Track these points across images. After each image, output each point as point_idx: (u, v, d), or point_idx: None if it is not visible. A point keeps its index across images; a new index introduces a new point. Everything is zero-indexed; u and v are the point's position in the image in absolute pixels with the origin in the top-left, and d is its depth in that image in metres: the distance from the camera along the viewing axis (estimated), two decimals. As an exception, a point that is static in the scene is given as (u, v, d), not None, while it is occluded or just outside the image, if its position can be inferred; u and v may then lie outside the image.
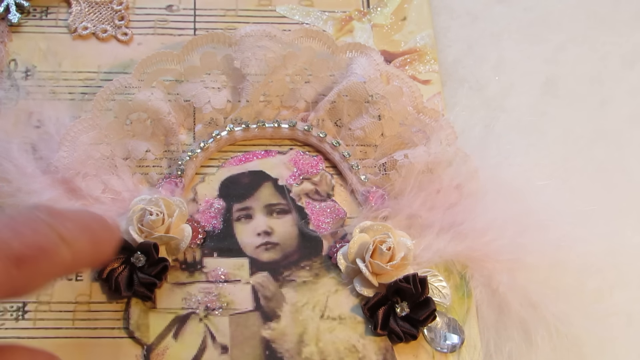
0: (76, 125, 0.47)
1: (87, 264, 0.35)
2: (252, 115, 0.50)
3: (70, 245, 0.32)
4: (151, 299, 0.44)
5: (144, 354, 0.43)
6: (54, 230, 0.32)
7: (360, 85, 0.50)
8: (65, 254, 0.32)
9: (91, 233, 0.34)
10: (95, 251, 0.34)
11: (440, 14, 0.58)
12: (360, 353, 0.44)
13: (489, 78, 0.56)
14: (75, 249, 0.32)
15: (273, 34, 0.50)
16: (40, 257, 0.31)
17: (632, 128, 0.55)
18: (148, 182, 0.48)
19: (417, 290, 0.44)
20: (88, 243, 0.33)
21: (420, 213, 0.47)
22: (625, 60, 0.58)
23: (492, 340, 0.45)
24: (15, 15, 0.53)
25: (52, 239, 0.32)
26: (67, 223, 0.33)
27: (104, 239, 0.35)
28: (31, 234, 0.31)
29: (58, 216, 0.33)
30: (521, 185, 0.47)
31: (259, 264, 0.47)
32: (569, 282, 0.45)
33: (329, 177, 0.50)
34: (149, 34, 0.54)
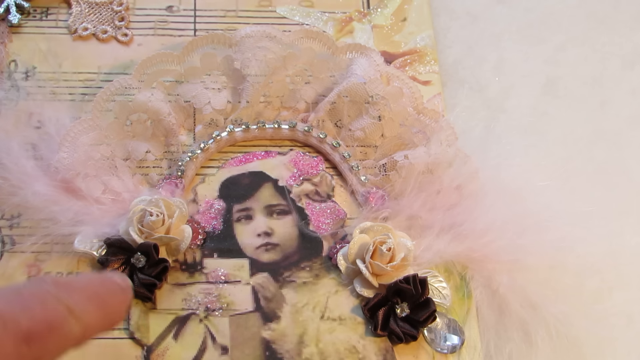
0: (76, 126, 0.47)
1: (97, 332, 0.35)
2: (252, 116, 0.50)
3: (80, 319, 0.32)
4: (151, 300, 0.44)
5: (144, 355, 0.43)
6: (63, 304, 0.32)
7: (360, 86, 0.50)
8: (74, 328, 0.32)
9: (100, 302, 0.34)
10: (105, 320, 0.34)
11: (440, 15, 0.58)
12: (361, 354, 0.44)
13: (489, 79, 0.56)
14: (84, 322, 0.32)
15: (273, 35, 0.50)
16: (49, 333, 0.31)
17: (632, 129, 0.55)
18: (148, 182, 0.48)
19: (417, 291, 0.44)
20: (97, 314, 0.33)
21: (420, 214, 0.47)
22: (626, 61, 0.58)
23: (492, 341, 0.45)
24: (15, 16, 0.53)
25: (61, 314, 0.31)
26: (75, 295, 0.32)
27: (114, 306, 0.35)
28: (40, 310, 0.31)
29: (66, 288, 0.32)
30: (521, 186, 0.47)
31: (259, 264, 0.47)
32: (568, 282, 0.46)
33: (329, 178, 0.50)
34: (149, 34, 0.54)
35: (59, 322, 0.31)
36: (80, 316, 0.32)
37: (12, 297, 0.31)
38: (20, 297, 0.31)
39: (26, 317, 0.30)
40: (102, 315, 0.34)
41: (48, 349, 0.31)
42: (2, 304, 0.30)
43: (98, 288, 0.34)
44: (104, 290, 0.35)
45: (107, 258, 0.45)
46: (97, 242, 0.45)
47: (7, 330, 0.29)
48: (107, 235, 0.45)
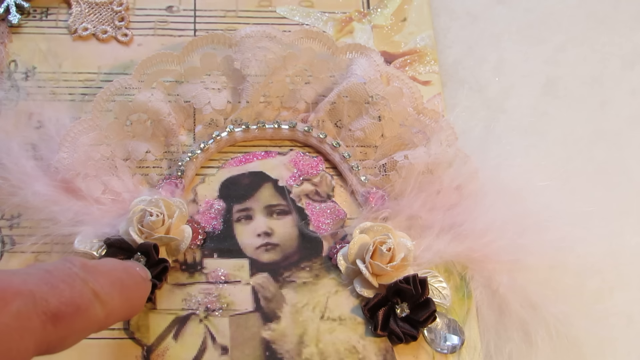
0: (76, 126, 0.47)
1: (119, 319, 0.35)
2: (252, 116, 0.50)
3: (104, 303, 0.32)
4: (151, 300, 0.44)
5: (144, 355, 0.43)
6: (89, 287, 0.32)
7: (360, 86, 0.50)
8: (99, 311, 0.32)
9: (124, 290, 0.34)
10: (126, 306, 0.35)
11: (440, 15, 0.58)
12: (361, 354, 0.44)
13: (489, 79, 0.56)
14: (108, 307, 0.33)
15: (273, 35, 0.50)
16: (75, 315, 0.31)
17: (632, 129, 0.55)
18: (148, 183, 0.48)
19: (417, 291, 0.44)
20: (120, 299, 0.34)
21: (420, 214, 0.47)
22: (626, 61, 0.58)
23: (492, 341, 0.45)
24: (15, 16, 0.53)
25: (88, 296, 0.32)
26: (101, 279, 0.33)
27: (135, 294, 0.36)
28: (68, 291, 0.31)
29: (92, 272, 0.33)
30: (521, 186, 0.47)
31: (259, 264, 0.47)
32: (569, 282, 0.46)
33: (329, 178, 0.50)
34: (149, 35, 0.54)
35: (86, 304, 0.32)
36: (105, 300, 0.32)
37: (43, 276, 0.31)
38: (50, 277, 0.31)
39: (55, 297, 0.31)
40: (125, 301, 0.34)
41: (73, 329, 0.31)
42: (33, 282, 0.30)
43: (121, 274, 0.35)
44: (126, 277, 0.35)
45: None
46: (97, 242, 0.45)
47: (37, 307, 0.30)
48: (107, 235, 0.45)
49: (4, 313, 0.29)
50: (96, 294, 0.32)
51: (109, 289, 0.33)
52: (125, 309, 0.35)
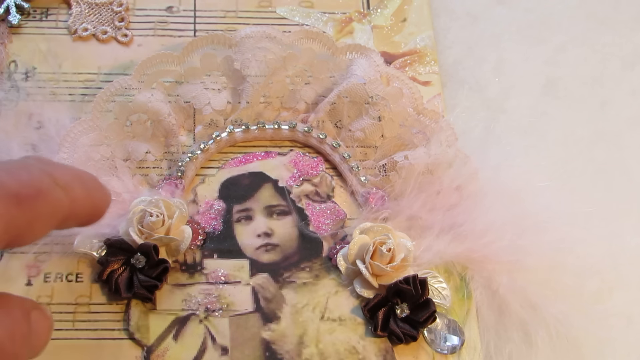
0: (76, 126, 0.47)
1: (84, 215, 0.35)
2: (252, 116, 0.50)
3: (66, 190, 0.32)
4: (151, 301, 0.44)
5: (144, 355, 0.43)
6: (48, 174, 0.32)
7: (360, 87, 0.50)
8: (61, 196, 0.32)
9: (84, 183, 0.34)
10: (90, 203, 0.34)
11: (440, 15, 0.58)
12: (361, 354, 0.44)
13: (489, 79, 0.56)
14: (71, 195, 0.32)
15: (273, 36, 0.50)
16: (38, 196, 0.31)
17: (633, 129, 0.55)
18: (148, 183, 0.48)
19: (417, 291, 0.44)
20: (82, 191, 0.33)
21: (420, 214, 0.47)
22: (626, 62, 0.58)
23: (492, 342, 0.45)
24: (15, 17, 0.53)
25: (47, 181, 0.32)
26: (59, 169, 0.33)
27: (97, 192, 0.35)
28: (26, 176, 0.31)
29: (50, 163, 0.33)
30: (521, 187, 0.47)
31: (259, 265, 0.47)
32: (568, 283, 0.45)
33: (329, 179, 0.50)
34: (149, 35, 0.54)
35: (46, 187, 0.31)
36: (65, 186, 0.32)
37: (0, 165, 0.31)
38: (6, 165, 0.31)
39: (14, 181, 0.30)
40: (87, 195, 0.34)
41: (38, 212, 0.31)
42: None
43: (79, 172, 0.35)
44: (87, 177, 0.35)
45: (107, 259, 0.45)
46: (97, 243, 0.45)
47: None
48: (107, 235, 0.45)
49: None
50: (55, 180, 0.32)
51: (69, 178, 0.33)
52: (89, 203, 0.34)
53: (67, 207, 0.32)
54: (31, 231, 0.31)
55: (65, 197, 0.32)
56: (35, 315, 0.32)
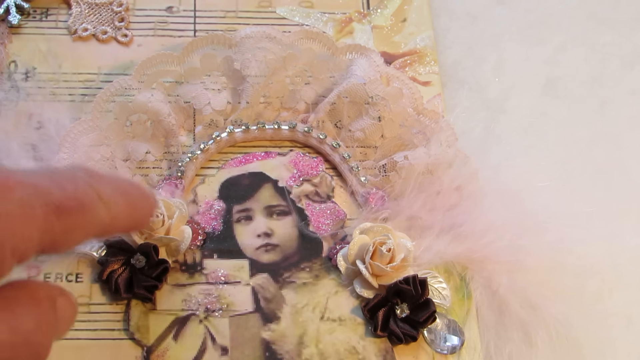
0: (76, 126, 0.47)
1: (124, 228, 0.35)
2: (252, 116, 0.50)
3: (108, 206, 0.32)
4: (151, 301, 0.44)
5: (144, 356, 0.43)
6: (93, 188, 0.32)
7: (360, 87, 0.50)
8: (103, 213, 0.32)
9: (129, 198, 0.34)
10: (132, 217, 0.34)
11: (440, 16, 0.58)
12: (360, 354, 0.44)
13: (489, 79, 0.56)
14: (113, 211, 0.32)
15: (273, 36, 0.50)
16: (79, 211, 0.30)
17: (632, 129, 0.55)
18: (148, 183, 0.48)
19: (417, 291, 0.44)
20: (125, 207, 0.33)
21: (420, 214, 0.47)
22: (626, 62, 0.58)
23: (492, 342, 0.45)
24: (15, 17, 0.53)
25: (91, 195, 0.31)
26: (104, 183, 0.33)
27: (141, 206, 0.35)
28: (71, 187, 0.31)
29: (96, 176, 0.33)
30: (521, 187, 0.47)
31: (259, 265, 0.47)
32: (568, 283, 0.45)
33: (329, 179, 0.50)
34: (149, 35, 0.54)
35: (89, 202, 0.31)
36: (108, 203, 0.32)
37: (46, 174, 0.31)
38: (53, 175, 0.31)
39: (58, 191, 0.30)
40: (129, 208, 0.34)
41: (76, 225, 0.30)
42: (37, 177, 0.30)
43: (125, 184, 0.35)
44: (131, 187, 0.35)
45: (107, 259, 0.45)
46: (97, 243, 0.45)
47: (40, 198, 0.29)
48: (107, 236, 0.45)
49: (7, 200, 0.28)
50: (100, 195, 0.32)
51: (113, 194, 0.32)
52: (131, 217, 0.34)
53: (107, 224, 0.32)
54: (66, 241, 0.31)
55: (106, 213, 0.32)
56: (61, 302, 0.31)
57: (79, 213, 0.31)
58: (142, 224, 0.36)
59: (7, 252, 0.28)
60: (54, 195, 0.30)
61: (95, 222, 0.32)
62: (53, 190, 0.30)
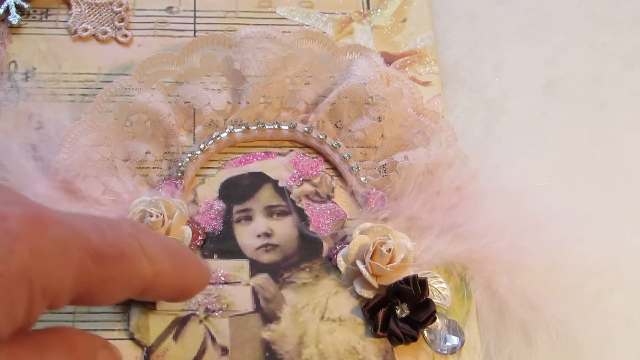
0: (76, 126, 0.47)
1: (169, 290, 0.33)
2: (252, 116, 0.50)
3: (152, 261, 0.30)
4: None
5: (144, 356, 0.44)
6: (137, 240, 0.30)
7: (360, 87, 0.50)
8: (145, 265, 0.30)
9: (175, 258, 0.32)
10: (178, 278, 0.33)
11: (440, 16, 0.58)
12: (360, 354, 0.44)
13: (489, 80, 0.56)
14: (156, 268, 0.31)
15: (273, 36, 0.50)
16: (119, 259, 0.29)
17: (632, 129, 0.55)
18: (148, 183, 0.48)
19: (417, 291, 0.44)
20: (171, 266, 0.32)
21: (420, 215, 0.47)
22: (626, 62, 0.58)
23: (492, 342, 0.45)
24: (15, 17, 0.53)
25: (134, 247, 0.30)
26: (150, 239, 0.31)
27: (190, 269, 0.34)
28: (113, 235, 0.30)
29: (142, 230, 0.31)
30: (521, 187, 0.47)
31: (259, 265, 0.47)
32: (568, 283, 0.45)
33: (329, 179, 0.50)
34: (149, 35, 0.54)
35: (131, 253, 0.30)
36: (152, 258, 0.30)
37: (89, 218, 0.30)
38: (96, 221, 0.30)
39: (98, 236, 0.29)
40: (176, 269, 0.32)
41: (116, 274, 0.29)
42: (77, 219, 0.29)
43: (177, 247, 0.33)
44: (183, 252, 0.33)
45: (107, 259, 0.44)
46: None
47: (77, 240, 0.28)
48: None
49: (42, 237, 0.27)
50: (143, 248, 0.30)
51: (159, 250, 0.31)
52: (177, 278, 0.32)
53: (150, 279, 0.31)
54: (105, 292, 0.29)
55: (149, 267, 0.30)
56: (103, 356, 0.30)
57: (118, 262, 0.29)
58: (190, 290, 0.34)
59: (37, 291, 0.27)
60: (93, 240, 0.29)
61: (136, 274, 0.30)
62: (92, 235, 0.29)
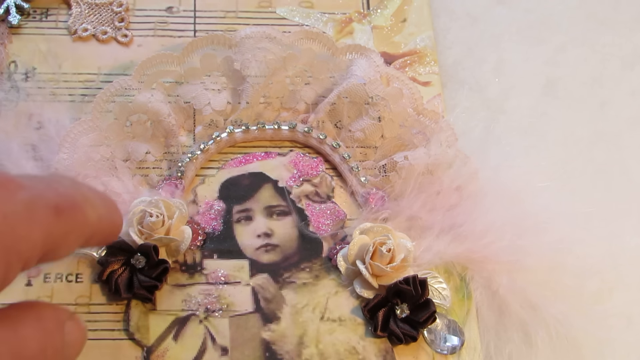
0: (76, 127, 0.47)
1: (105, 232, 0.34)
2: (252, 116, 0.50)
3: (94, 207, 0.32)
4: (151, 301, 0.44)
5: (144, 356, 0.44)
6: (79, 191, 0.32)
7: (360, 87, 0.50)
8: (91, 212, 0.32)
9: (106, 201, 0.34)
10: (111, 221, 0.34)
11: (440, 16, 0.58)
12: (360, 355, 0.44)
13: (489, 80, 0.56)
14: (97, 212, 0.32)
15: (273, 36, 0.50)
16: (73, 209, 0.30)
17: (632, 129, 0.55)
18: (148, 183, 0.48)
19: (417, 292, 0.44)
20: (105, 209, 0.33)
21: (420, 215, 0.47)
22: (626, 62, 0.58)
23: (492, 342, 0.45)
24: (15, 17, 0.53)
25: (80, 196, 0.31)
26: (85, 187, 0.33)
27: (116, 211, 0.35)
28: (62, 189, 0.31)
29: (78, 182, 0.33)
30: (521, 187, 0.47)
31: (259, 265, 0.47)
32: (568, 283, 0.45)
33: (329, 179, 0.50)
34: (149, 35, 0.54)
35: (80, 201, 0.31)
36: (93, 204, 0.32)
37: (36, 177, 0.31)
38: (42, 178, 0.31)
39: (52, 192, 0.30)
40: (108, 212, 0.33)
41: (73, 224, 0.30)
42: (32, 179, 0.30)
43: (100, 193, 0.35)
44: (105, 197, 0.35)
45: (107, 259, 0.45)
46: (97, 243, 0.45)
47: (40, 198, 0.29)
48: (107, 236, 0.45)
49: (12, 201, 0.28)
50: (85, 196, 0.32)
51: (94, 196, 0.33)
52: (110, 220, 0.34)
53: (95, 224, 0.32)
54: (65, 245, 0.31)
55: (93, 213, 0.32)
56: (70, 327, 0.31)
57: (74, 211, 0.30)
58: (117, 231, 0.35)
59: (13, 256, 0.27)
60: (50, 196, 0.30)
61: (87, 221, 0.31)
62: (47, 192, 0.30)
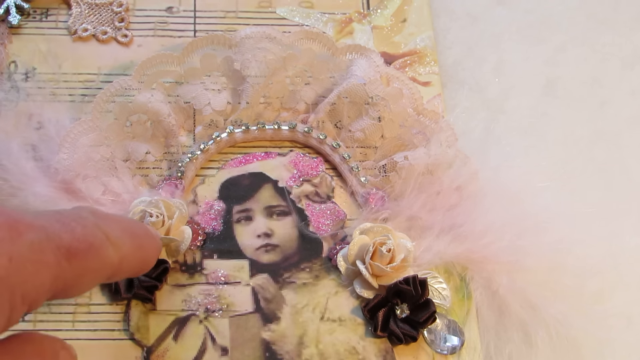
0: (76, 127, 0.47)
1: (132, 269, 0.34)
2: (252, 117, 0.50)
3: (117, 247, 0.32)
4: (151, 301, 0.44)
5: (144, 356, 0.44)
6: (100, 229, 0.31)
7: (360, 87, 0.50)
8: (112, 253, 0.31)
9: (135, 238, 0.34)
10: (139, 257, 0.34)
11: (440, 16, 0.58)
12: (360, 355, 0.44)
13: (489, 80, 0.56)
14: (121, 252, 0.32)
15: (273, 36, 0.50)
16: (89, 253, 0.30)
17: (632, 129, 0.55)
18: (148, 183, 0.48)
19: (417, 292, 0.44)
20: (133, 248, 0.33)
21: (420, 215, 0.47)
22: (625, 62, 0.58)
23: (492, 342, 0.45)
24: (15, 17, 0.53)
25: (100, 236, 0.31)
26: (111, 224, 0.32)
27: (147, 246, 0.35)
28: (80, 229, 0.31)
29: (102, 217, 0.33)
30: (521, 187, 0.47)
31: (259, 265, 0.47)
32: (568, 284, 0.45)
33: (329, 179, 0.50)
34: (149, 35, 0.54)
35: (98, 243, 0.31)
36: (116, 243, 0.32)
37: (54, 216, 0.31)
38: (61, 216, 0.31)
39: (68, 233, 0.30)
40: (137, 250, 0.33)
41: (87, 268, 0.30)
42: (45, 219, 0.30)
43: (131, 223, 0.35)
44: (137, 227, 0.35)
45: (107, 259, 0.45)
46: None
47: (50, 242, 0.29)
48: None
49: (18, 243, 0.28)
50: (108, 236, 0.31)
51: (120, 234, 0.32)
52: (138, 258, 0.34)
53: (116, 265, 0.32)
54: (78, 285, 0.31)
55: (115, 254, 0.32)
56: (63, 356, 0.32)
57: (89, 255, 0.30)
58: (148, 265, 0.36)
59: (17, 299, 0.28)
60: (64, 238, 0.29)
61: (105, 263, 0.31)
62: (62, 233, 0.30)
